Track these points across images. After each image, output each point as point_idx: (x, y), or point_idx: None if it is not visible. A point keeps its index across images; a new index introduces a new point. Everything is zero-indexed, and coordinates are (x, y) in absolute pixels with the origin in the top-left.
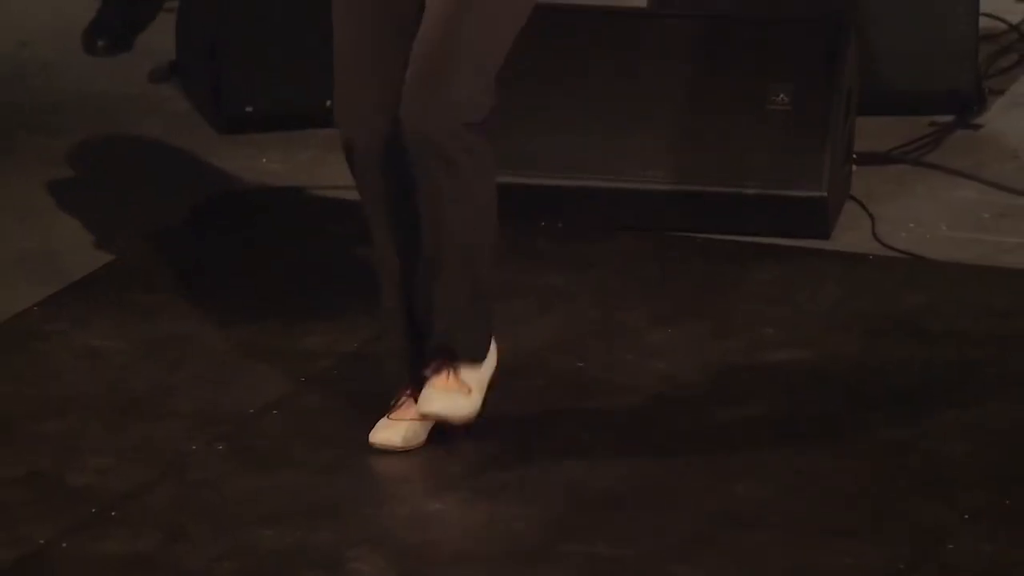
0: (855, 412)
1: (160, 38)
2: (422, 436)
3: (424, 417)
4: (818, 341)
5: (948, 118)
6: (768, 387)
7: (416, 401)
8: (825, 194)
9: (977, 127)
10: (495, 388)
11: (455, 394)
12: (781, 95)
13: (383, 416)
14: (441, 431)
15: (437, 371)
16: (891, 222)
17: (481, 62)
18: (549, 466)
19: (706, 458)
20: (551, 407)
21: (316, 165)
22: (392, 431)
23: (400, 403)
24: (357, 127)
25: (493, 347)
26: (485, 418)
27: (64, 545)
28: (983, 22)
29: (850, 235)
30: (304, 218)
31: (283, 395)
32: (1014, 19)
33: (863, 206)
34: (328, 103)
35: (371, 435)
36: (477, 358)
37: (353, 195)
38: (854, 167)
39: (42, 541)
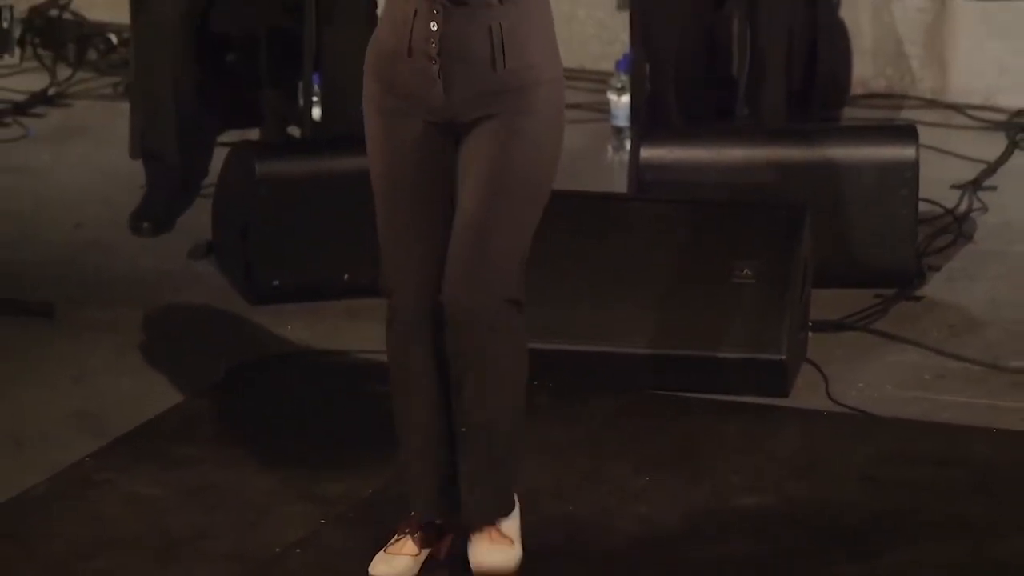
0: (815, 551)
1: (198, 221)
2: (415, 570)
3: (479, 572)
4: (781, 487)
5: (892, 291)
6: (738, 528)
7: (413, 539)
8: (784, 358)
9: (918, 299)
10: None
11: (503, 548)
12: (746, 270)
13: (380, 550)
14: (432, 564)
15: (479, 528)
16: (843, 382)
17: (516, 241)
18: None
19: None
20: (544, 543)
21: (335, 332)
22: (389, 565)
23: (398, 540)
24: (405, 299)
25: None
26: None
27: None
28: (922, 207)
29: (807, 394)
30: (324, 379)
31: (306, 536)
32: (949, 204)
33: (818, 368)
34: (345, 277)
35: (371, 567)
36: (510, 511)
37: (367, 359)
38: (810, 334)
39: None
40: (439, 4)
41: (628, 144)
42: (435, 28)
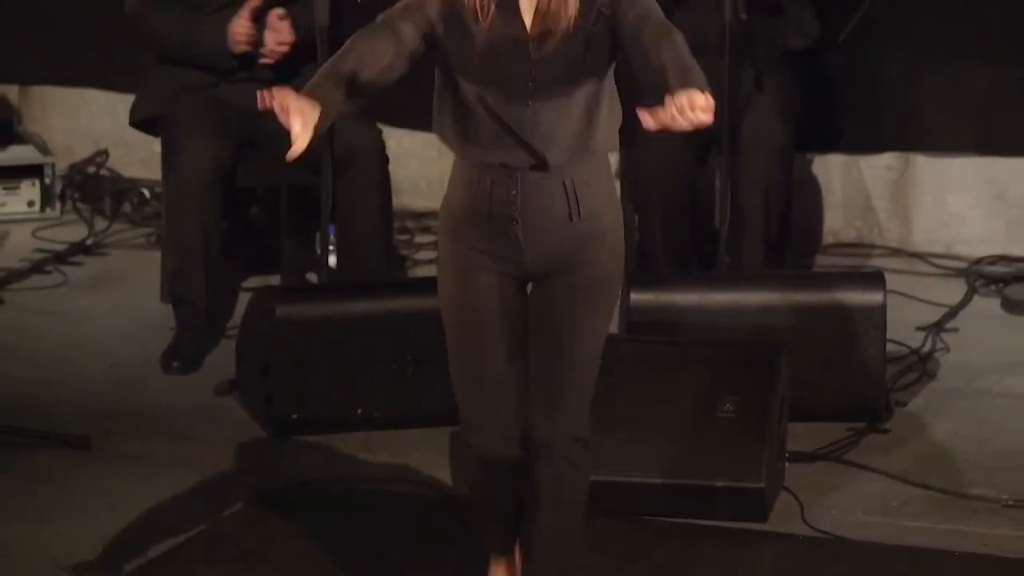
0: None
1: (223, 360)
2: None
3: None
4: None
5: (862, 424)
6: None
7: None
8: (763, 486)
9: (885, 432)
10: None
11: None
12: (728, 405)
13: None
14: None
15: None
16: (817, 508)
17: (590, 383)
18: None
19: None
20: None
21: (350, 463)
22: None
23: None
24: (483, 437)
25: None
26: None
27: None
28: (889, 347)
29: (784, 519)
30: (340, 507)
31: None
32: (915, 345)
33: (794, 495)
34: (359, 411)
35: None
36: None
37: (380, 488)
38: (787, 463)
39: None
40: (517, 171)
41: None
42: (515, 193)
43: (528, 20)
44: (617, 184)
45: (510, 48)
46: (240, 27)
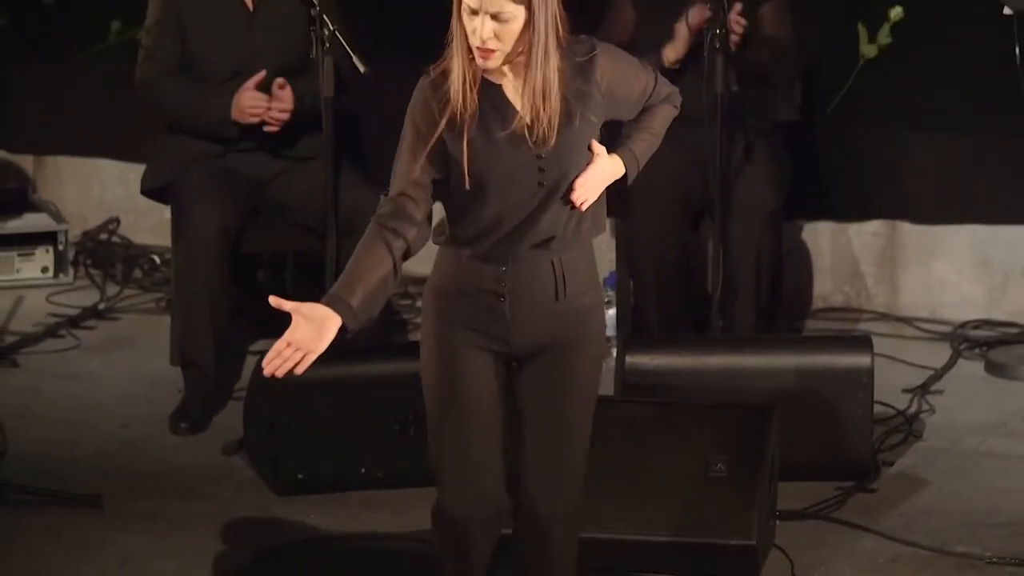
0: None
1: (230, 421)
2: None
3: None
4: None
5: (850, 483)
6: None
7: None
8: (754, 543)
9: (873, 491)
10: None
11: None
12: (720, 464)
13: None
14: None
15: None
16: (807, 565)
17: (583, 454)
18: None
19: None
20: None
21: (353, 520)
22: None
23: None
24: (469, 509)
25: None
26: None
27: None
28: (877, 408)
29: None
30: (343, 564)
31: None
32: (901, 406)
33: (785, 553)
34: (362, 470)
35: None
36: None
37: (382, 546)
38: (777, 521)
39: None
40: (508, 252)
41: (614, 351)
42: (504, 270)
43: (518, 105)
44: (613, 249)
45: (510, 141)
46: (249, 99)
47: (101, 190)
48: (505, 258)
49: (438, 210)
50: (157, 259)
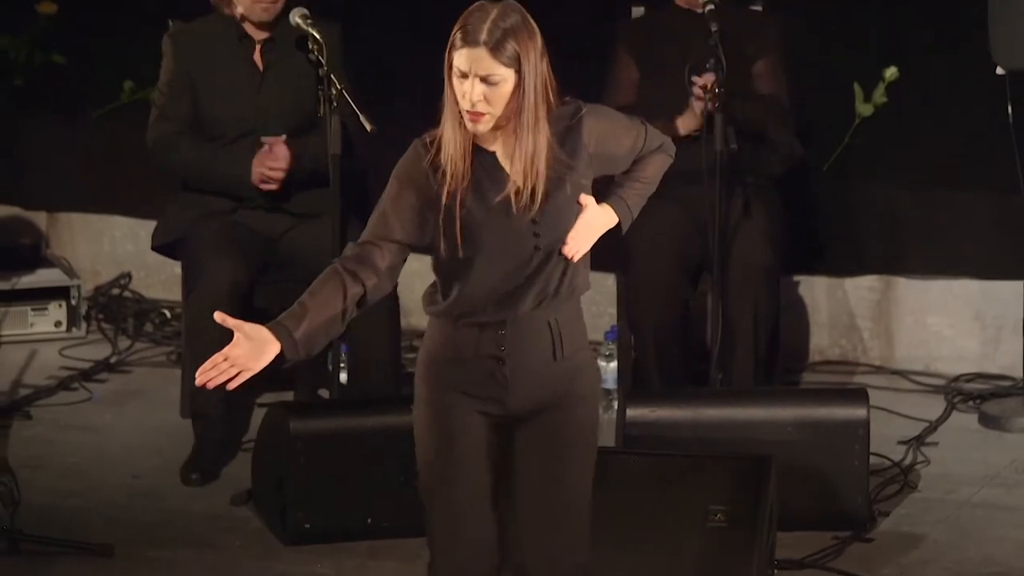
0: None
1: (240, 472)
2: None
3: None
4: None
5: (847, 533)
6: None
7: None
8: None
9: (869, 541)
10: None
11: None
12: (719, 514)
13: None
14: None
15: None
16: None
17: (585, 513)
18: None
19: None
20: None
21: (360, 569)
22: None
23: None
24: (461, 574)
25: None
26: None
27: None
28: (873, 460)
29: None
30: None
31: None
32: (896, 458)
33: None
34: (368, 520)
35: None
36: None
37: None
38: (776, 571)
39: None
40: (506, 315)
41: (616, 404)
42: (503, 334)
43: (509, 170)
44: (614, 303)
45: (504, 207)
46: (265, 167)
47: (113, 246)
48: (503, 322)
49: (428, 277)
50: (168, 313)
